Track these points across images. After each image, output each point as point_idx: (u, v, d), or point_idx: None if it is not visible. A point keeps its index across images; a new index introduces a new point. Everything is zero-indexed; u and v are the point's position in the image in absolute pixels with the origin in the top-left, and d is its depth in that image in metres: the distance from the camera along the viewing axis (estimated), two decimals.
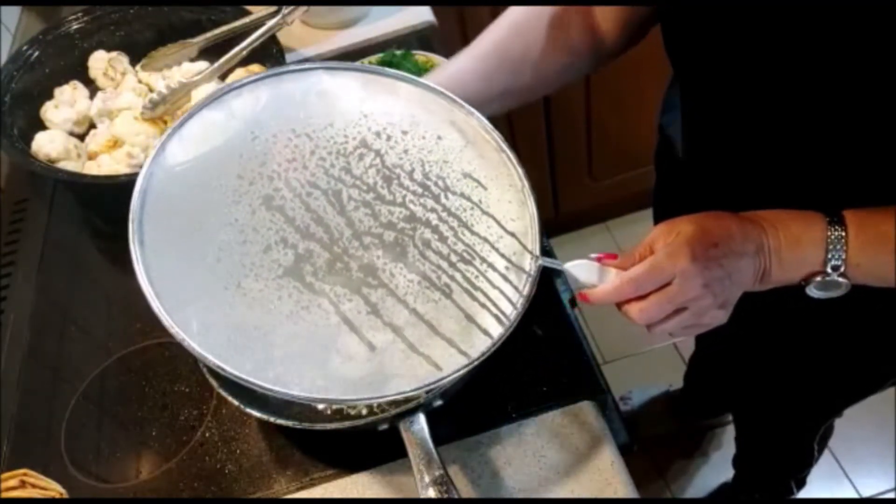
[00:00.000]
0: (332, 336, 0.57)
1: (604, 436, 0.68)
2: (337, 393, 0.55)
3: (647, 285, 0.56)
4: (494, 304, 0.59)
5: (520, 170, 0.66)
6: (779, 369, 0.93)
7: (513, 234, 0.63)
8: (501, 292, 0.60)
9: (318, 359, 0.56)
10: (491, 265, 0.61)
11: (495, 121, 0.69)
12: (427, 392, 0.61)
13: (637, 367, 1.67)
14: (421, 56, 1.00)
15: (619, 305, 0.58)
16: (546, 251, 0.82)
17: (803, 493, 1.34)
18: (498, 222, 0.63)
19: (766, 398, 1.05)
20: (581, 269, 0.60)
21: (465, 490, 0.66)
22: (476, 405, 0.70)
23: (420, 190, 0.64)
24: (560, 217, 1.82)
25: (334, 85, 0.67)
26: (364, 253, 0.60)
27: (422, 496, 0.57)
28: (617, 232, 1.93)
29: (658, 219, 0.93)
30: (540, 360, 0.73)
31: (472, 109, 0.67)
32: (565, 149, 1.65)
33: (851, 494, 1.47)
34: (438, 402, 0.63)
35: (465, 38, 1.39)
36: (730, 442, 1.35)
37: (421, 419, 0.61)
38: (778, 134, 0.61)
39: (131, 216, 0.56)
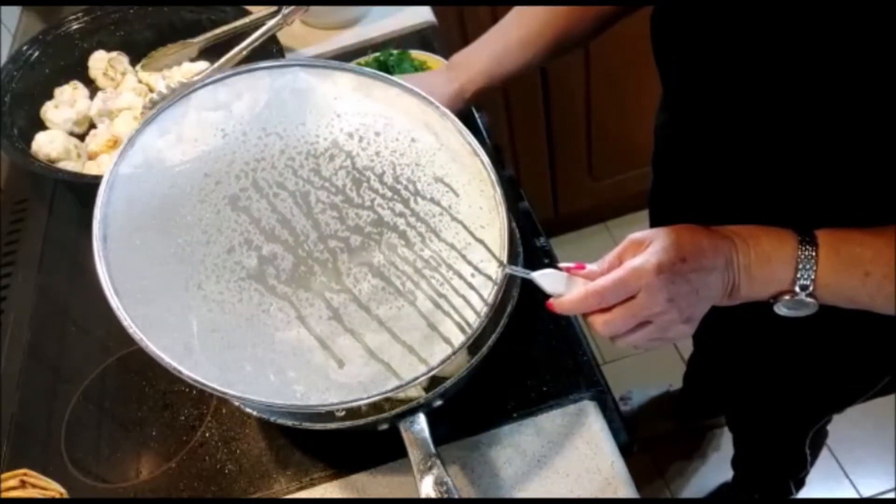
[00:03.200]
0: (292, 341, 0.56)
1: (604, 436, 0.68)
2: (292, 398, 0.54)
3: (611, 298, 0.55)
4: (458, 312, 0.59)
5: (493, 176, 0.64)
6: (764, 376, 0.94)
7: (481, 241, 0.62)
8: (466, 300, 0.59)
9: (276, 363, 0.55)
10: (457, 272, 0.60)
11: (494, 119, 0.68)
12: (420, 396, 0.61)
13: (637, 367, 1.67)
14: (418, 56, 1.00)
15: (585, 316, 0.58)
16: (545, 251, 0.82)
17: (803, 493, 1.34)
18: (467, 229, 0.62)
19: (755, 404, 1.06)
20: (548, 279, 0.59)
21: (465, 490, 0.66)
22: (476, 405, 0.70)
23: (390, 193, 0.63)
24: (560, 217, 1.82)
25: (310, 83, 0.65)
26: (329, 257, 0.59)
27: (422, 496, 0.57)
28: (617, 232, 1.93)
29: (654, 221, 0.93)
30: (540, 360, 0.73)
31: (447, 112, 0.66)
32: (565, 149, 1.65)
33: (851, 494, 1.47)
34: (438, 402, 0.63)
35: (465, 38, 1.39)
36: (729, 442, 1.35)
37: (421, 419, 0.61)
38: (765, 140, 0.61)
39: (95, 212, 0.55)
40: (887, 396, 0.89)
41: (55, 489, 0.67)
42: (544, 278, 0.59)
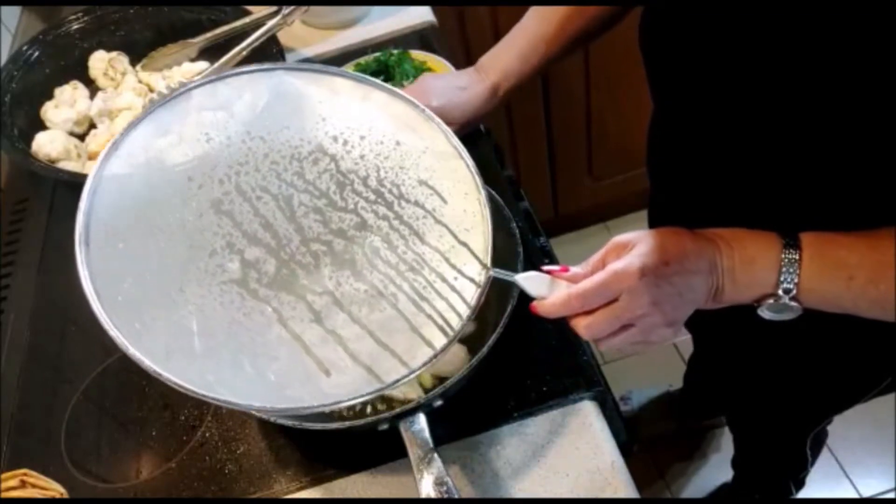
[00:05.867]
0: (274, 344, 0.56)
1: (604, 436, 0.68)
2: (273, 401, 0.54)
3: (594, 300, 0.55)
4: (441, 316, 0.58)
5: (477, 179, 0.64)
6: (764, 378, 0.94)
7: (465, 245, 0.62)
8: (449, 303, 0.59)
9: (258, 366, 0.55)
10: (440, 276, 0.60)
11: (494, 119, 0.68)
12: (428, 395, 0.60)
13: (637, 367, 1.67)
14: (419, 56, 1.00)
15: (568, 319, 0.58)
16: (545, 251, 0.82)
17: (803, 493, 1.34)
18: (451, 232, 0.62)
19: (756, 404, 1.06)
20: (531, 282, 0.59)
21: (465, 490, 0.66)
22: (476, 405, 0.70)
23: (373, 197, 0.62)
24: (560, 217, 1.82)
25: (294, 87, 0.65)
26: (312, 260, 0.59)
27: (422, 496, 0.57)
28: (617, 232, 1.90)
29: (652, 223, 0.94)
30: (540, 360, 0.73)
31: (433, 115, 0.66)
32: (565, 149, 1.65)
33: (851, 494, 1.47)
34: (439, 403, 0.63)
35: (465, 38, 1.39)
36: (729, 443, 1.35)
37: (421, 419, 0.61)
38: (756, 142, 0.61)
39: (78, 217, 0.55)
40: (887, 397, 0.89)
41: (55, 489, 0.67)
42: (527, 281, 0.59)
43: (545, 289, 0.59)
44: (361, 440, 0.69)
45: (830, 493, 1.46)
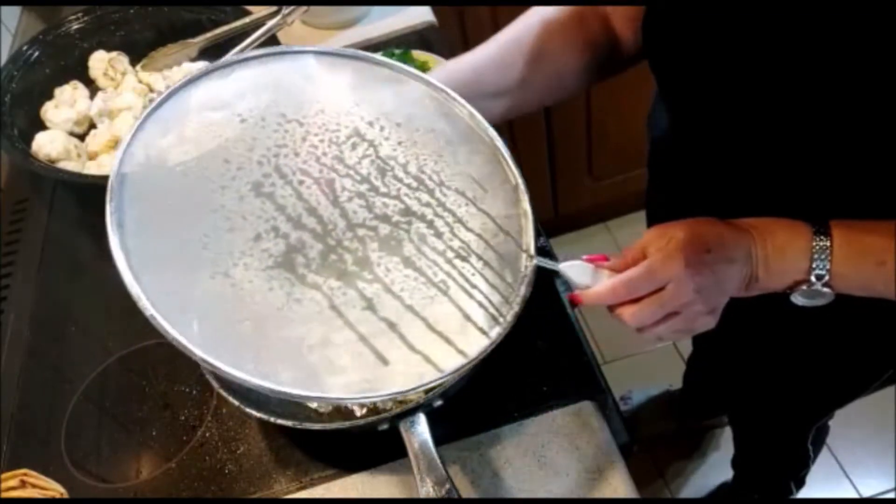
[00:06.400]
0: (326, 331, 0.55)
1: (604, 436, 0.68)
2: (330, 391, 0.52)
3: (640, 289, 0.56)
4: (491, 303, 0.58)
5: (514, 168, 0.64)
6: (767, 372, 0.94)
7: (507, 233, 0.62)
8: (498, 291, 0.59)
9: (311, 354, 0.54)
10: (487, 263, 0.60)
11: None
12: (426, 392, 0.60)
13: (637, 367, 1.67)
14: (420, 56, 1.00)
15: (612, 308, 0.58)
16: (545, 251, 0.82)
17: (803, 493, 1.34)
18: (493, 220, 0.62)
19: (757, 400, 1.06)
20: (575, 270, 0.59)
21: (465, 490, 0.66)
22: (476, 405, 0.70)
23: (415, 183, 0.62)
24: (560, 217, 1.82)
25: (326, 71, 0.64)
26: (359, 245, 0.58)
27: (422, 496, 0.57)
28: (617, 232, 1.93)
29: (651, 222, 0.93)
30: (540, 359, 0.73)
31: (466, 104, 0.65)
32: (565, 149, 1.65)
33: (851, 494, 1.47)
34: (439, 402, 0.63)
35: (465, 38, 1.39)
36: (729, 442, 1.35)
37: (421, 419, 0.61)
38: (761, 141, 0.61)
39: (108, 197, 0.53)
40: (887, 397, 0.89)
41: (55, 489, 0.67)
42: (571, 270, 0.59)
43: (588, 278, 0.59)
44: (361, 440, 0.69)
45: (830, 493, 1.46)
